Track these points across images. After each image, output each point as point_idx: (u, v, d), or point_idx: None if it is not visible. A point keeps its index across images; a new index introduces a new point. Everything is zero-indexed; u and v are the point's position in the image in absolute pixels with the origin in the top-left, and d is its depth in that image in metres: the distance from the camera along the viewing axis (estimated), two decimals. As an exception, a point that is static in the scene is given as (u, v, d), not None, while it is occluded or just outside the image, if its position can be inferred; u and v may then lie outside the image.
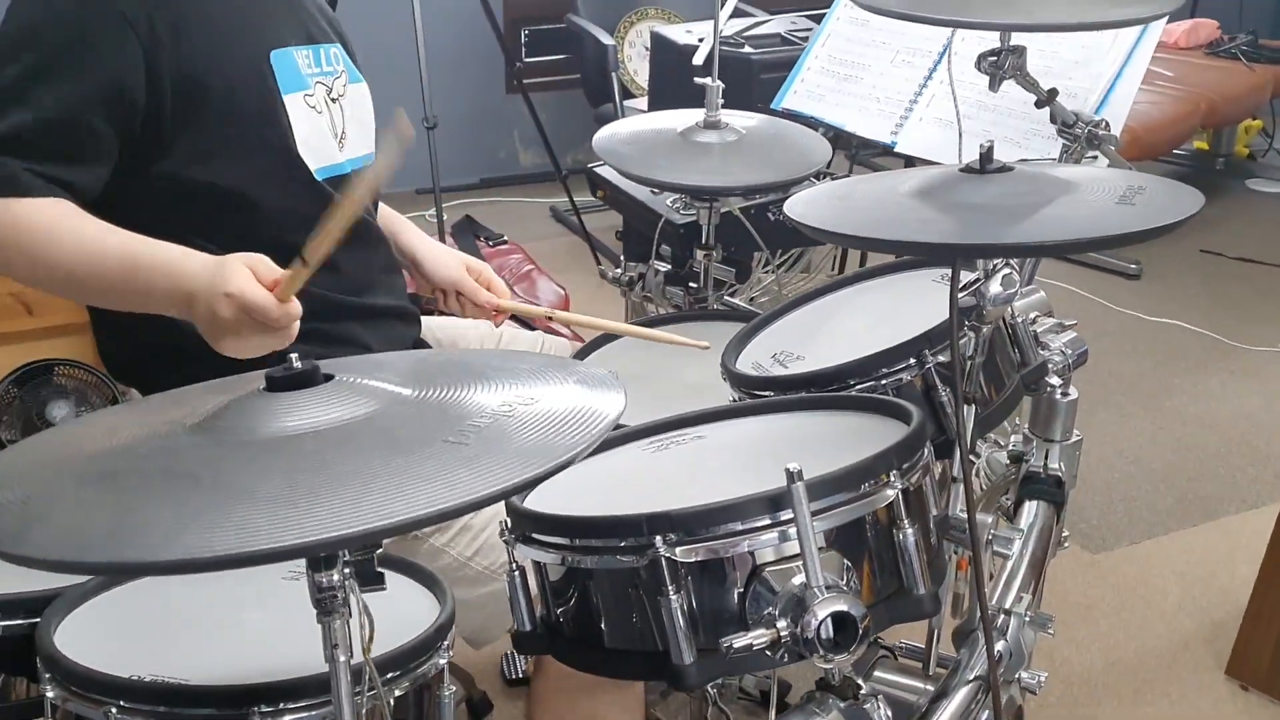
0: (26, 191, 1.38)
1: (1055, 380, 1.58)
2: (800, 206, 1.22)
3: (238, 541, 0.74)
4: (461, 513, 0.80)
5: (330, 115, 1.61)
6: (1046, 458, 1.63)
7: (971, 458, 1.68)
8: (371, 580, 0.91)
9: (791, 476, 0.99)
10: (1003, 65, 1.71)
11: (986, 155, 1.20)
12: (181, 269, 1.34)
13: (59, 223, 1.38)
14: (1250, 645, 2.28)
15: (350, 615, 0.90)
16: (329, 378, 0.91)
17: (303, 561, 0.87)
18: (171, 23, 1.44)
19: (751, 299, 2.72)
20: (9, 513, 0.81)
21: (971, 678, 1.31)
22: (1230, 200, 4.76)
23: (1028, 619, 1.37)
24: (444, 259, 1.80)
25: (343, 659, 0.90)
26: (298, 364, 0.89)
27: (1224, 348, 3.61)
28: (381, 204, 1.82)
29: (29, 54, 1.41)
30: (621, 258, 2.50)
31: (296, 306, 1.29)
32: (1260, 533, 2.28)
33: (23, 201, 1.38)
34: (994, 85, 1.74)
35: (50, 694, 1.09)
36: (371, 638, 0.93)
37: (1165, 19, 1.89)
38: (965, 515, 1.28)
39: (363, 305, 1.65)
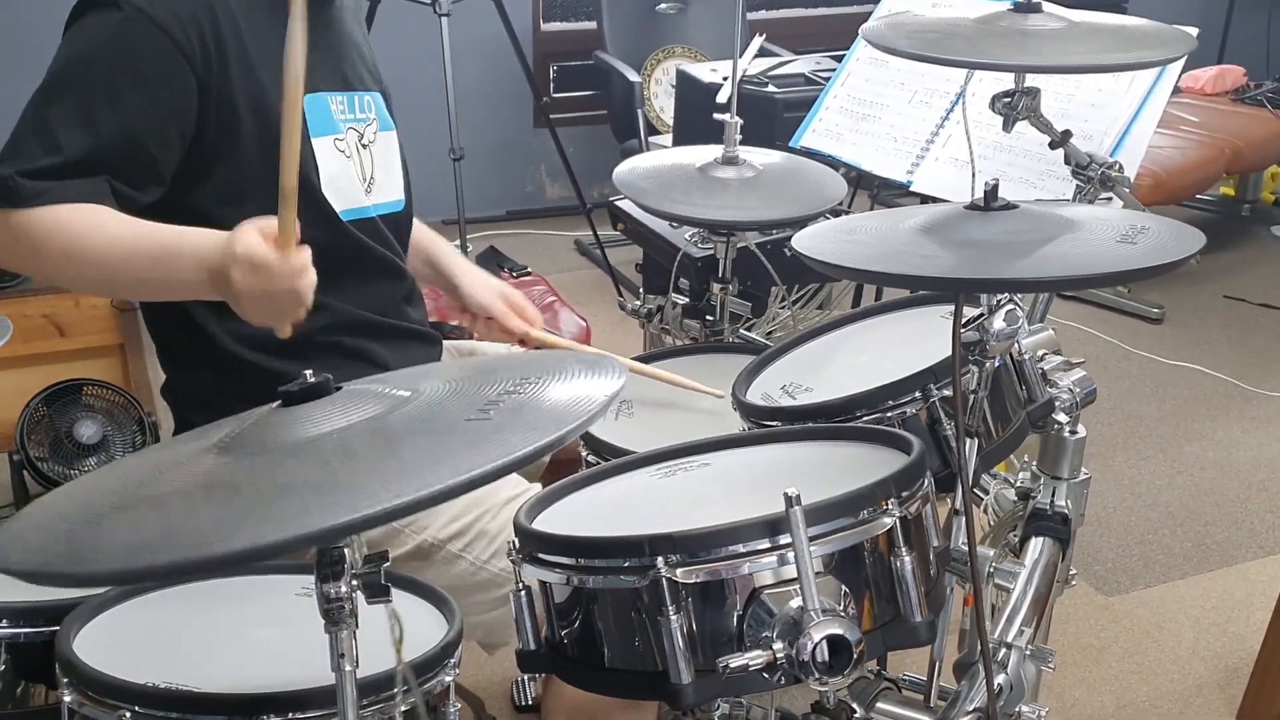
0: (63, 198, 1.43)
1: (1063, 418, 1.59)
2: (807, 240, 1.24)
3: (293, 526, 0.76)
4: (508, 471, 0.82)
5: (360, 161, 1.66)
6: (1054, 495, 1.64)
7: (979, 493, 1.70)
8: (377, 592, 0.94)
9: (790, 501, 1.01)
10: (1016, 106, 1.74)
11: (991, 193, 1.22)
12: (202, 246, 1.40)
13: (91, 219, 1.44)
14: (1262, 692, 2.27)
15: (356, 628, 0.93)
16: (339, 388, 0.94)
17: (313, 578, 0.90)
18: (218, 54, 1.48)
19: (769, 333, 2.74)
20: (57, 545, 0.83)
21: (971, 709, 1.32)
22: (1255, 247, 4.75)
23: (1028, 653, 1.38)
24: (481, 283, 1.86)
25: (349, 669, 0.93)
26: (310, 377, 0.92)
27: (1245, 394, 3.60)
28: (422, 225, 1.87)
29: (89, 78, 1.45)
30: (641, 290, 2.53)
31: (302, 258, 1.34)
32: (1276, 579, 2.27)
33: (61, 206, 1.43)
34: (1007, 126, 1.77)
35: (67, 698, 1.12)
36: (401, 639, 0.95)
37: (1182, 63, 1.91)
38: (967, 548, 1.30)
39: (383, 324, 1.69)
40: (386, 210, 1.71)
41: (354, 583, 0.90)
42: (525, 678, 2.27)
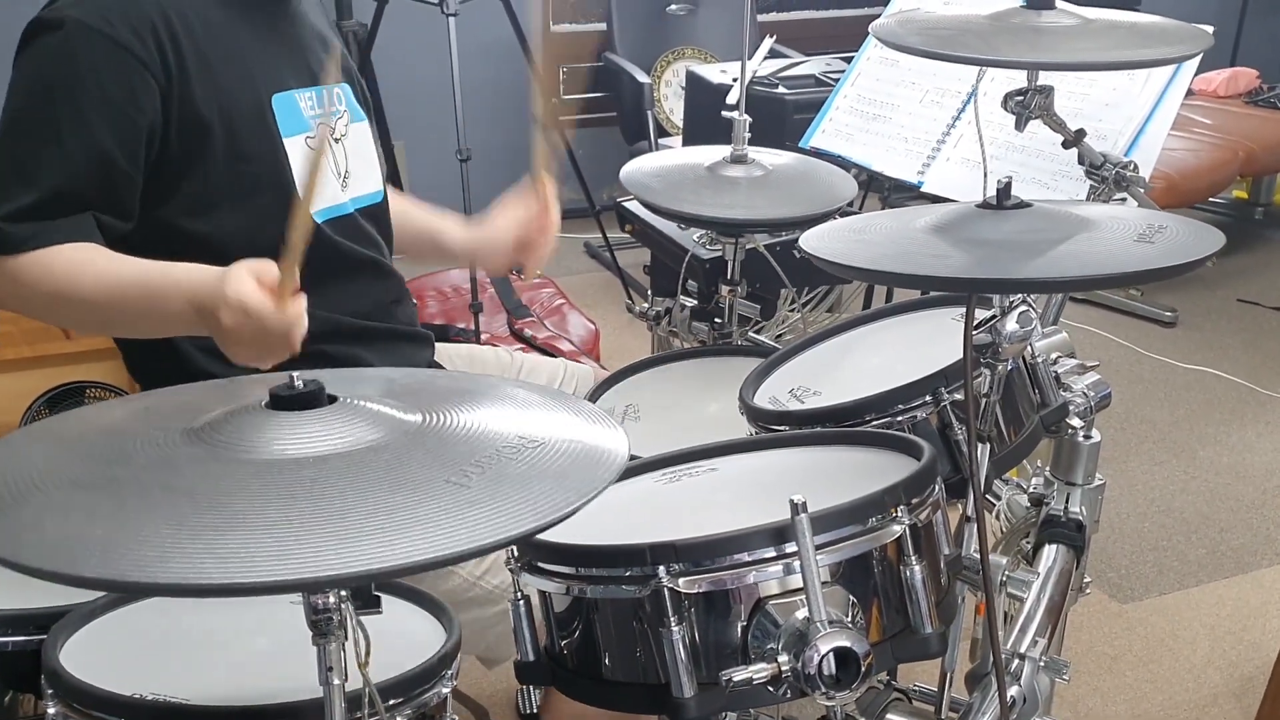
0: (50, 241, 1.40)
1: (1077, 422, 1.56)
2: (815, 240, 1.21)
3: (234, 571, 0.74)
4: (460, 560, 0.79)
5: (333, 156, 1.62)
6: (1067, 501, 1.61)
7: (991, 499, 1.66)
8: (368, 603, 0.91)
9: (796, 508, 0.98)
10: (1029, 105, 1.71)
11: (1004, 191, 1.19)
12: (191, 283, 1.35)
13: (78, 259, 1.40)
14: (1279, 701, 2.23)
15: (347, 638, 0.90)
16: (333, 399, 0.91)
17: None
18: (177, 60, 1.44)
19: (778, 336, 2.71)
20: (3, 515, 0.81)
21: (983, 722, 1.28)
22: (1269, 250, 4.71)
23: (1042, 664, 1.35)
24: (493, 245, 1.76)
25: (337, 682, 0.90)
26: (300, 384, 0.89)
27: (1260, 398, 3.56)
28: (414, 204, 1.83)
29: (51, 106, 1.41)
30: (649, 292, 2.50)
31: (296, 308, 1.28)
32: (1292, 586, 2.24)
33: (48, 250, 1.40)
34: (1020, 125, 1.73)
35: (52, 710, 1.09)
36: (368, 652, 0.92)
37: (1197, 61, 1.88)
38: (979, 556, 1.26)
39: (369, 328, 1.65)
40: (365, 203, 1.67)
41: (343, 593, 0.87)
42: (529, 686, 2.24)
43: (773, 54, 3.51)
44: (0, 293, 1.43)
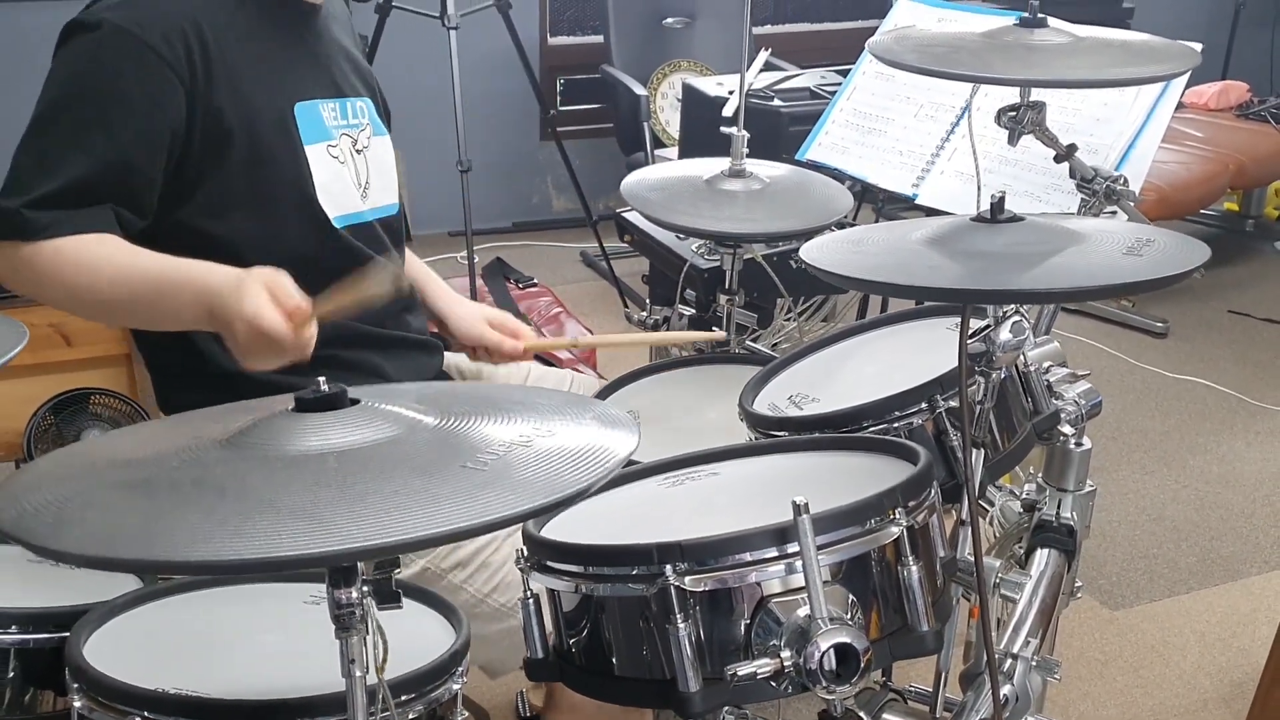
0: (70, 230, 1.43)
1: (1068, 430, 1.60)
2: (814, 251, 1.25)
3: (260, 547, 0.79)
4: (476, 533, 0.83)
5: (354, 166, 1.66)
6: (1059, 507, 1.65)
7: (984, 505, 1.70)
8: (389, 599, 0.95)
9: (798, 509, 1.02)
10: (1022, 120, 1.75)
11: (998, 205, 1.23)
12: (205, 285, 1.39)
13: (95, 252, 1.44)
14: (1268, 707, 2.26)
15: (368, 633, 0.94)
16: (355, 401, 0.95)
17: (323, 586, 0.91)
18: (204, 66, 1.49)
19: (774, 345, 2.74)
20: (46, 512, 0.85)
21: (977, 720, 1.32)
22: (1259, 262, 4.76)
23: (1034, 664, 1.38)
24: (466, 317, 1.85)
25: (359, 674, 0.94)
26: (325, 387, 0.93)
27: (1250, 408, 3.60)
28: (411, 255, 1.87)
29: (79, 104, 1.46)
30: (647, 301, 2.54)
31: (310, 332, 1.32)
32: (1281, 593, 2.27)
33: (68, 239, 1.43)
34: (1013, 140, 1.77)
35: (77, 703, 1.12)
36: (385, 658, 0.96)
37: (1186, 77, 1.92)
38: (973, 558, 1.30)
39: (382, 335, 1.69)
40: (383, 214, 1.71)
41: (365, 589, 0.91)
42: (529, 688, 2.27)
43: (768, 66, 3.56)
44: (19, 278, 1.47)
